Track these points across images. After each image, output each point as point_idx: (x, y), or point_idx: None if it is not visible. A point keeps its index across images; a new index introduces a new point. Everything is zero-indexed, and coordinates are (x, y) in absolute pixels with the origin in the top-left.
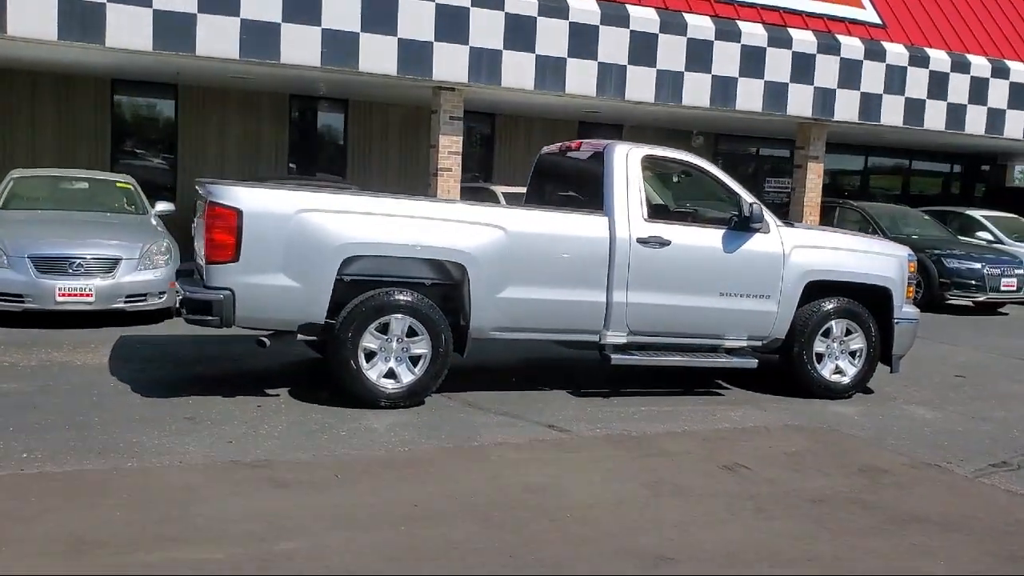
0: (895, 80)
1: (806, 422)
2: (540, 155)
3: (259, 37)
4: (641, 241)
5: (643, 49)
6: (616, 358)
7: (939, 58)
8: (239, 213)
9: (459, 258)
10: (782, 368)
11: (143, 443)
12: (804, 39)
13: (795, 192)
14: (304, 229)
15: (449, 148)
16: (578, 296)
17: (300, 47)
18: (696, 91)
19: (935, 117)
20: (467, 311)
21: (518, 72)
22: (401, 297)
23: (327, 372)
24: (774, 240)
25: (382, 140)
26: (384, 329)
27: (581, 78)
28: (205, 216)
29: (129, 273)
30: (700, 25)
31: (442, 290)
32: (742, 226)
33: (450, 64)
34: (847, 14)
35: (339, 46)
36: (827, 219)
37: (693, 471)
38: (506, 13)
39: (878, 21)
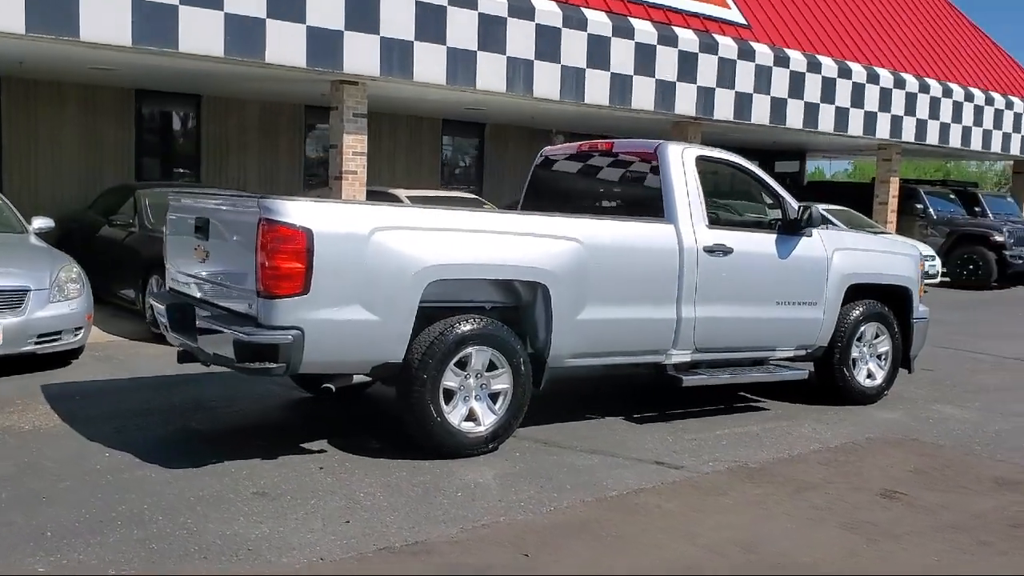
0: (763, 80)
1: (879, 433)
2: (544, 158)
3: (155, 21)
4: (707, 250)
5: (548, 44)
6: (688, 379)
7: (797, 58)
8: (309, 234)
9: (540, 277)
10: (820, 376)
11: (242, 535)
12: (688, 38)
13: None
14: (381, 251)
15: (354, 148)
16: (649, 314)
17: (202, 34)
18: (597, 89)
19: (795, 115)
20: (541, 337)
21: (430, 65)
22: (483, 326)
23: (359, 417)
24: (817, 244)
25: (240, 140)
26: (462, 364)
27: (491, 73)
28: (262, 238)
29: (41, 307)
30: (598, 21)
31: (501, 314)
32: (790, 230)
33: (361, 55)
34: (717, 14)
35: (244, 34)
36: None
37: (862, 505)
38: (416, 1)
39: (744, 21)
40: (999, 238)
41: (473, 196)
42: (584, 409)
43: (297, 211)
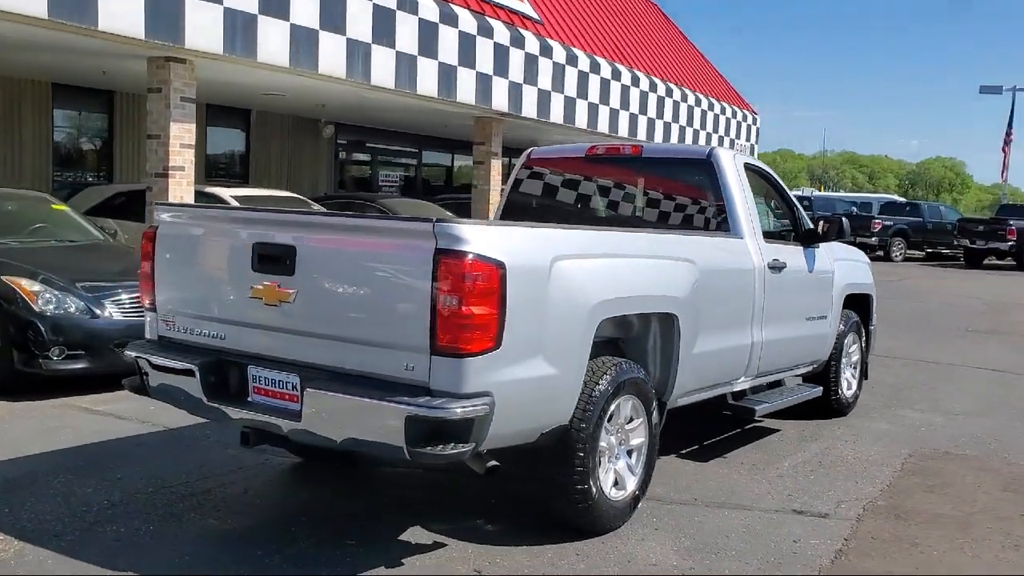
0: (559, 78)
1: (909, 449)
2: (531, 160)
3: None
4: (770, 266)
5: (383, 26)
6: (760, 408)
7: (583, 59)
8: (502, 269)
9: (672, 306)
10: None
11: None
12: (501, 30)
13: (478, 189)
14: (560, 285)
15: (181, 139)
16: (735, 340)
17: None
18: (428, 79)
19: (582, 115)
20: (655, 375)
21: (274, 44)
22: (628, 369)
23: (400, 484)
24: (825, 255)
25: None
26: (608, 419)
27: (333, 56)
28: (444, 276)
29: None
30: (427, 5)
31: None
32: (808, 241)
33: (204, 29)
34: (515, 6)
35: None
36: None
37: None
38: None
39: (537, 17)
40: None
41: (297, 196)
42: None
43: (487, 239)
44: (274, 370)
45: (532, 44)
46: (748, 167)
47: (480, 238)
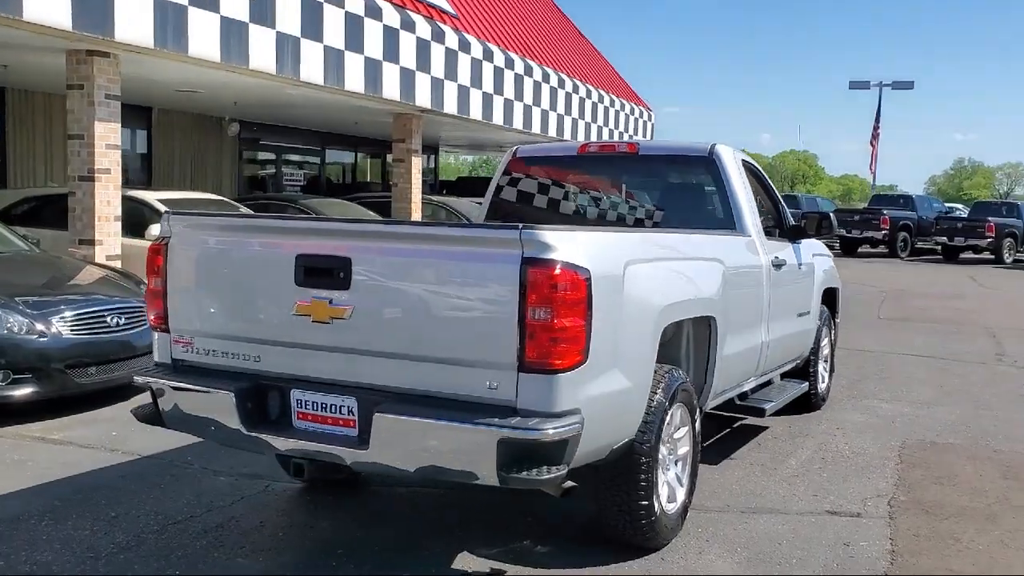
0: (477, 74)
1: (896, 441)
2: (520, 158)
3: None
4: (774, 264)
5: (312, 19)
6: (769, 407)
7: (498, 54)
8: (588, 278)
9: (709, 309)
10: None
11: None
12: (422, 25)
13: (398, 187)
14: (631, 292)
15: (107, 140)
16: (752, 340)
17: None
18: (354, 74)
19: (498, 112)
20: (695, 380)
21: (205, 37)
22: (679, 376)
23: (415, 506)
24: (807, 250)
25: None
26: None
27: (263, 51)
28: (535, 286)
29: None
30: None
31: None
32: (792, 237)
33: (135, 20)
34: (434, 1)
35: None
36: None
37: None
38: None
39: (453, 11)
40: None
41: (223, 199)
42: None
43: (572, 245)
44: (326, 393)
45: (452, 39)
46: (743, 163)
47: (566, 245)
